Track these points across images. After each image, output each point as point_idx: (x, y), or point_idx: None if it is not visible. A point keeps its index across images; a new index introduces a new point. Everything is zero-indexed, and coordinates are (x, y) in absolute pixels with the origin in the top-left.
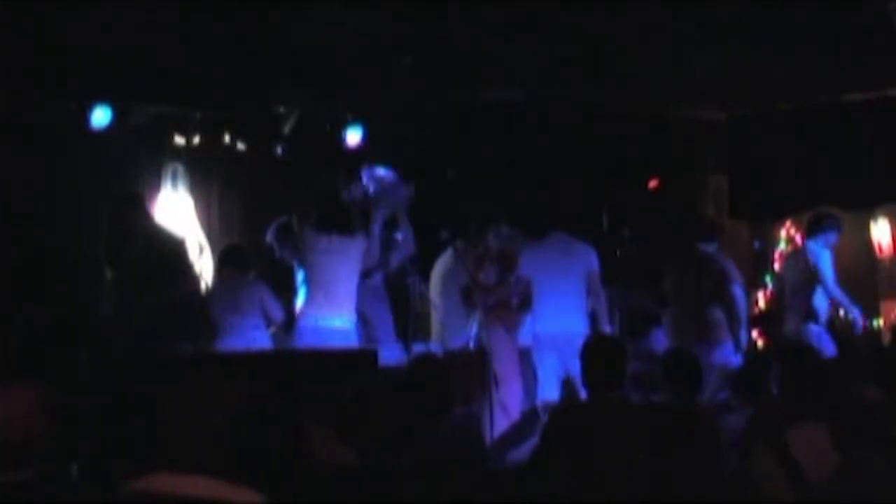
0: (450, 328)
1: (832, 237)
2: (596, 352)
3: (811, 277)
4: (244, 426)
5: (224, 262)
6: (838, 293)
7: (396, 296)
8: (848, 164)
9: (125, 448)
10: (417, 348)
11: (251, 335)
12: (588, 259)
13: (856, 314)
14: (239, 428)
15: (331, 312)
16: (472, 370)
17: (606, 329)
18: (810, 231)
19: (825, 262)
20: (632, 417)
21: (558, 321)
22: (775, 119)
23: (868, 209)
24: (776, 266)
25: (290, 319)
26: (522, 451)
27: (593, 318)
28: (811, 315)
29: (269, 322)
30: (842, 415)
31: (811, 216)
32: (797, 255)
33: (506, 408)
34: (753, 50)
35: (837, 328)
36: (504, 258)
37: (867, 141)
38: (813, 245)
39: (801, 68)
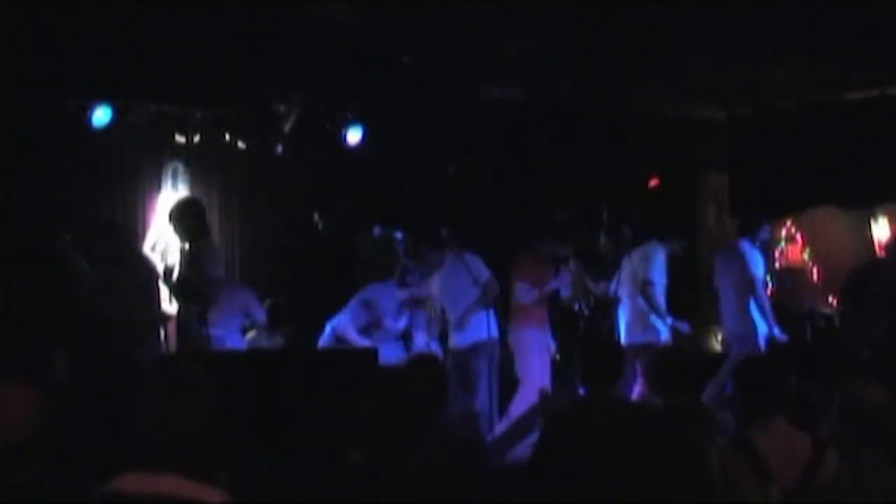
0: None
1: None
2: (591, 350)
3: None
4: (214, 425)
5: None
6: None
7: None
8: (848, 163)
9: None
10: (417, 347)
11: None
12: (744, 263)
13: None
14: (209, 427)
15: None
16: None
17: (774, 330)
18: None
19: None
20: (627, 416)
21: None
22: (775, 118)
23: (868, 208)
24: (777, 265)
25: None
26: (522, 450)
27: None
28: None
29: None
30: (847, 416)
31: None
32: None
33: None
34: (753, 50)
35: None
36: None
37: (867, 140)
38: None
39: (801, 68)
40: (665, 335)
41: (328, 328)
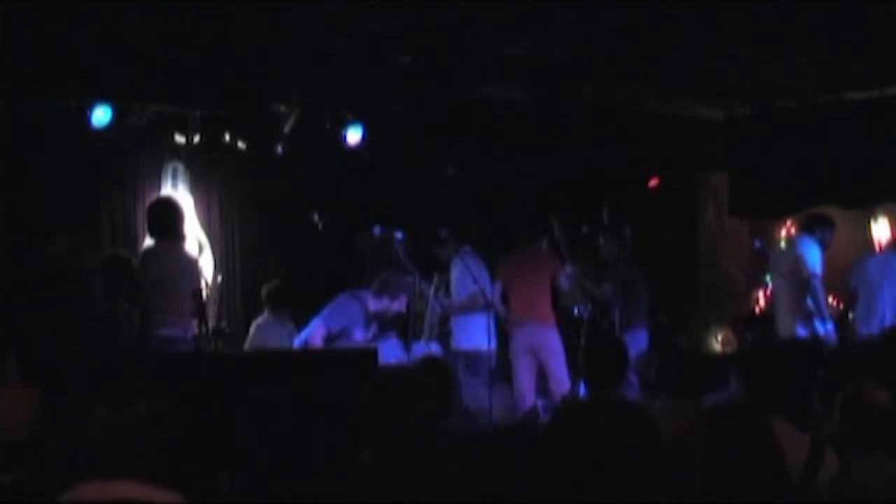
0: None
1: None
2: (596, 349)
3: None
4: (167, 429)
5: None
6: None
7: None
8: (848, 163)
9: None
10: (418, 347)
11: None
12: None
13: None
14: (161, 431)
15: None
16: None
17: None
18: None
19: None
20: (630, 416)
21: None
22: (776, 118)
23: (868, 208)
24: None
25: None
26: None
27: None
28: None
29: None
30: (849, 416)
31: (806, 217)
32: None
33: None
34: (753, 50)
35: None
36: None
37: (867, 140)
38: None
39: (802, 67)
40: (823, 329)
41: (299, 337)
